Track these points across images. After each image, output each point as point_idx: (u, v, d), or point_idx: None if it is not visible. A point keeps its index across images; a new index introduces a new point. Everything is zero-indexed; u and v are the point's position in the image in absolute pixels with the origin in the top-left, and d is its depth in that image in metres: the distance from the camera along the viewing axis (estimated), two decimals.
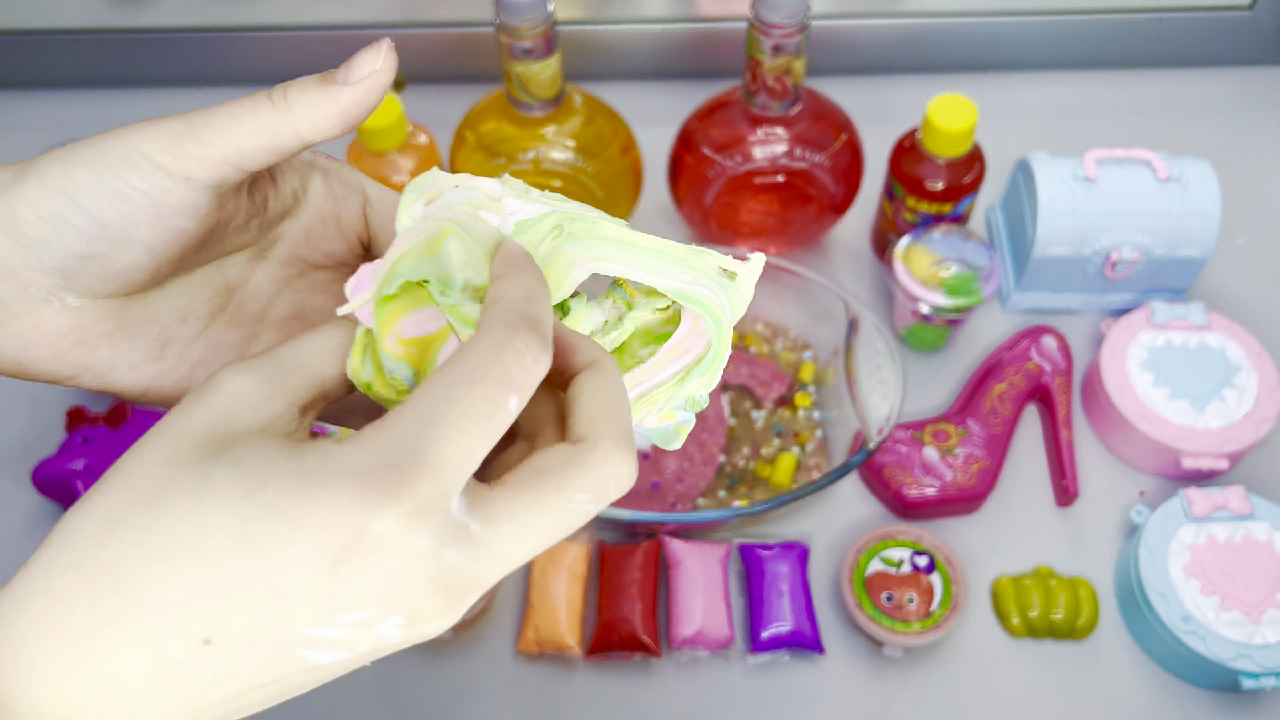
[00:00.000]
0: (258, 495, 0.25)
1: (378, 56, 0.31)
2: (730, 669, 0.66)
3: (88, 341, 0.33)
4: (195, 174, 0.30)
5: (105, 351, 0.33)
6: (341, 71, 0.31)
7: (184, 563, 0.25)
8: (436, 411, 0.26)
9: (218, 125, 0.30)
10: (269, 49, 0.92)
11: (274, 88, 0.31)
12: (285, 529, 0.25)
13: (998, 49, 0.93)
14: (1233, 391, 0.71)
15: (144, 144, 0.30)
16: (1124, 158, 0.74)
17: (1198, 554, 0.65)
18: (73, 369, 0.33)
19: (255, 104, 0.31)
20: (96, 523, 0.26)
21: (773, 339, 0.78)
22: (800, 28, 0.67)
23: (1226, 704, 0.65)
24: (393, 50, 0.31)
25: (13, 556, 0.71)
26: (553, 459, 0.28)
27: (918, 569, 0.66)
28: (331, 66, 0.32)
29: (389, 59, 0.31)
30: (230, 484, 0.25)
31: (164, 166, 0.30)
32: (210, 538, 0.25)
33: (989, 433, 0.72)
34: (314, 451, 0.26)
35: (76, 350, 0.33)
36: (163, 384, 0.34)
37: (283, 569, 0.25)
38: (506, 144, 0.74)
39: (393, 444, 0.25)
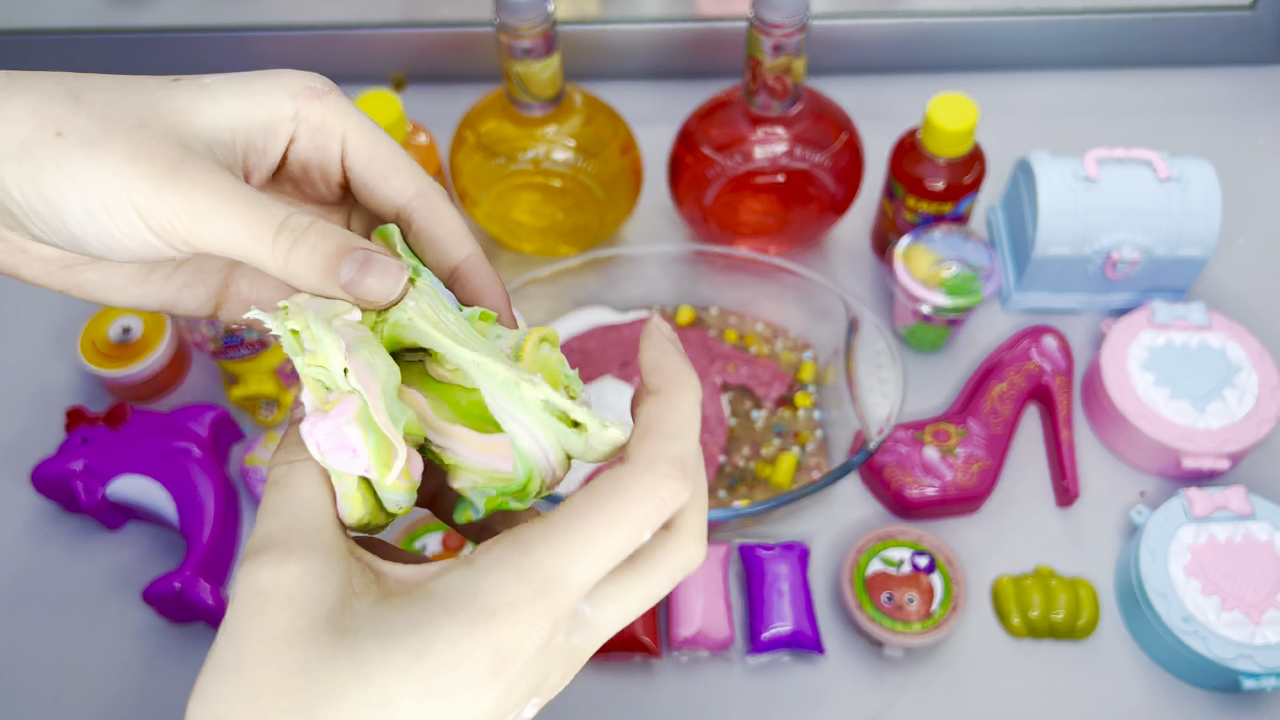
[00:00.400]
0: (427, 654, 0.26)
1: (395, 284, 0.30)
2: (730, 669, 0.66)
3: (74, 267, 0.33)
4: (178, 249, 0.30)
5: (92, 275, 0.33)
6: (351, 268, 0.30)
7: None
8: (580, 545, 0.28)
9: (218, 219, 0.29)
10: (269, 49, 0.92)
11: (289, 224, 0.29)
12: (460, 673, 0.26)
13: (998, 49, 0.93)
14: (1233, 391, 0.71)
15: (139, 194, 0.29)
16: (1124, 157, 0.74)
17: (1198, 554, 0.65)
18: (61, 285, 0.33)
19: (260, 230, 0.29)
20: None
21: (773, 339, 0.78)
22: (800, 28, 0.67)
23: (1227, 704, 0.65)
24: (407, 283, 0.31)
25: (13, 557, 0.71)
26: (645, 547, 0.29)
27: (918, 569, 0.66)
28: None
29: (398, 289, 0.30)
30: (392, 654, 0.26)
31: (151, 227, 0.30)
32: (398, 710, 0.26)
33: (989, 433, 0.72)
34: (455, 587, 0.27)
35: (63, 273, 0.33)
36: (149, 302, 0.35)
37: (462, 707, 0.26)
38: (506, 144, 0.74)
39: (538, 574, 0.27)
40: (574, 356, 0.77)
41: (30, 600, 0.69)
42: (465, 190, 0.77)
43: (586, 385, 0.75)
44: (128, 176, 0.29)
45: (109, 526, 0.71)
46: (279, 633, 0.26)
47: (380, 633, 0.26)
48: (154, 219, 0.29)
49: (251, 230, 0.29)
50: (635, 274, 0.78)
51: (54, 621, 0.68)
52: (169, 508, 0.68)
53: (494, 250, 0.84)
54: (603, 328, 0.78)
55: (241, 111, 0.32)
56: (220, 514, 0.68)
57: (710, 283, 0.78)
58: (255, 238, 0.29)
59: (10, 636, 0.68)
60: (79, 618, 0.68)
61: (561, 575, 0.27)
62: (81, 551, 0.71)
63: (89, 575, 0.70)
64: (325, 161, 0.34)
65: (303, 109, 0.32)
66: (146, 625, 0.68)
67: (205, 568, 0.66)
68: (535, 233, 0.80)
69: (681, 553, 0.30)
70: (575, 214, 0.78)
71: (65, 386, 0.78)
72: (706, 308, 0.80)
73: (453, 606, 0.27)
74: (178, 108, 0.31)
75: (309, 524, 0.28)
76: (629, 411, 0.32)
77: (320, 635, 0.26)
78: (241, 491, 0.72)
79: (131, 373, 0.73)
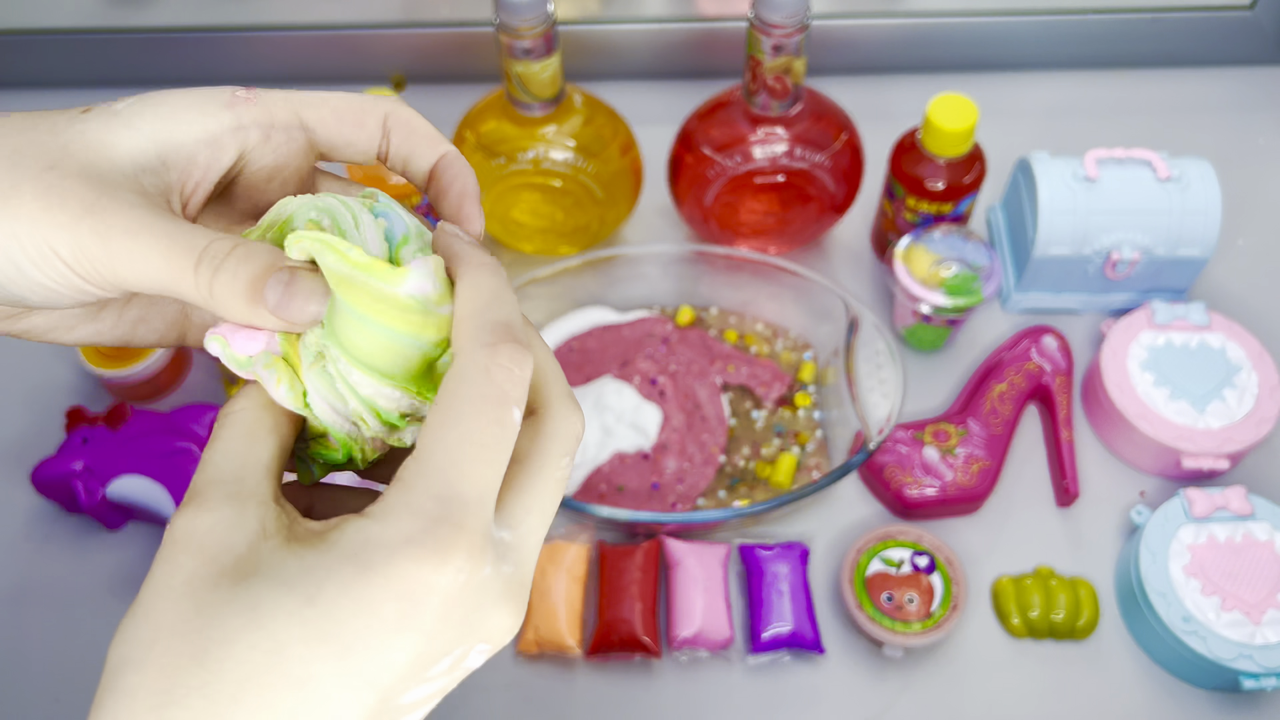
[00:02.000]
0: (318, 598, 0.26)
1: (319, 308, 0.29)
2: (730, 669, 0.66)
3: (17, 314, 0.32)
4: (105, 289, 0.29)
5: (39, 319, 0.32)
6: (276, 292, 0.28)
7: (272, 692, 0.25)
8: (454, 452, 0.27)
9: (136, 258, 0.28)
10: (269, 49, 0.92)
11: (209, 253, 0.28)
12: (360, 619, 0.26)
13: (998, 49, 0.93)
14: (1233, 391, 0.71)
15: (60, 243, 0.28)
16: (1124, 158, 0.74)
17: (1198, 554, 0.65)
18: (10, 332, 0.32)
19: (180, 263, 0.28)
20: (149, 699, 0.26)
21: (773, 339, 0.78)
22: (800, 28, 0.67)
23: (1227, 704, 0.65)
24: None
25: (13, 557, 0.71)
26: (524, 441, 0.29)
27: (918, 569, 0.66)
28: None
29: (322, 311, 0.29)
30: (282, 599, 0.26)
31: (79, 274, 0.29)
32: (288, 657, 0.25)
33: (989, 433, 0.72)
34: (349, 535, 0.27)
35: (8, 320, 0.32)
36: (103, 339, 0.34)
37: (369, 655, 0.26)
38: (506, 144, 0.74)
39: (427, 499, 0.26)
40: (574, 356, 0.77)
41: (30, 600, 0.69)
42: None
43: (586, 385, 0.75)
44: (44, 225, 0.28)
45: (109, 526, 0.71)
46: (184, 578, 0.26)
47: (276, 578, 0.26)
48: (78, 265, 0.28)
49: (172, 265, 0.28)
50: (635, 274, 0.78)
51: (54, 621, 0.68)
52: (169, 508, 0.68)
53: (494, 250, 0.84)
54: (602, 328, 0.78)
55: (169, 133, 0.31)
56: None
57: (710, 283, 0.78)
58: (177, 272, 0.28)
59: (10, 636, 0.68)
60: (79, 618, 0.68)
61: (452, 493, 0.26)
62: (81, 552, 0.71)
63: (89, 575, 0.70)
64: (294, 152, 0.33)
65: (243, 115, 0.31)
66: None
67: None
68: (535, 233, 0.80)
69: (560, 425, 0.30)
70: (575, 214, 0.78)
71: (65, 386, 0.78)
72: (706, 308, 0.80)
73: (347, 551, 0.26)
74: (90, 143, 0.29)
75: (229, 473, 0.28)
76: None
77: (222, 580, 0.26)
78: None
79: (131, 373, 0.74)
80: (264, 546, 0.27)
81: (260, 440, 0.29)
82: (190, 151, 0.31)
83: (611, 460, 0.72)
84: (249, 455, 0.29)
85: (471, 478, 0.27)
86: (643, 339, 0.77)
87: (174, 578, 0.26)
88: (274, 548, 0.27)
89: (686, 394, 0.74)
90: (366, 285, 0.28)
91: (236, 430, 0.29)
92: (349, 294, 0.29)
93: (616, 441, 0.72)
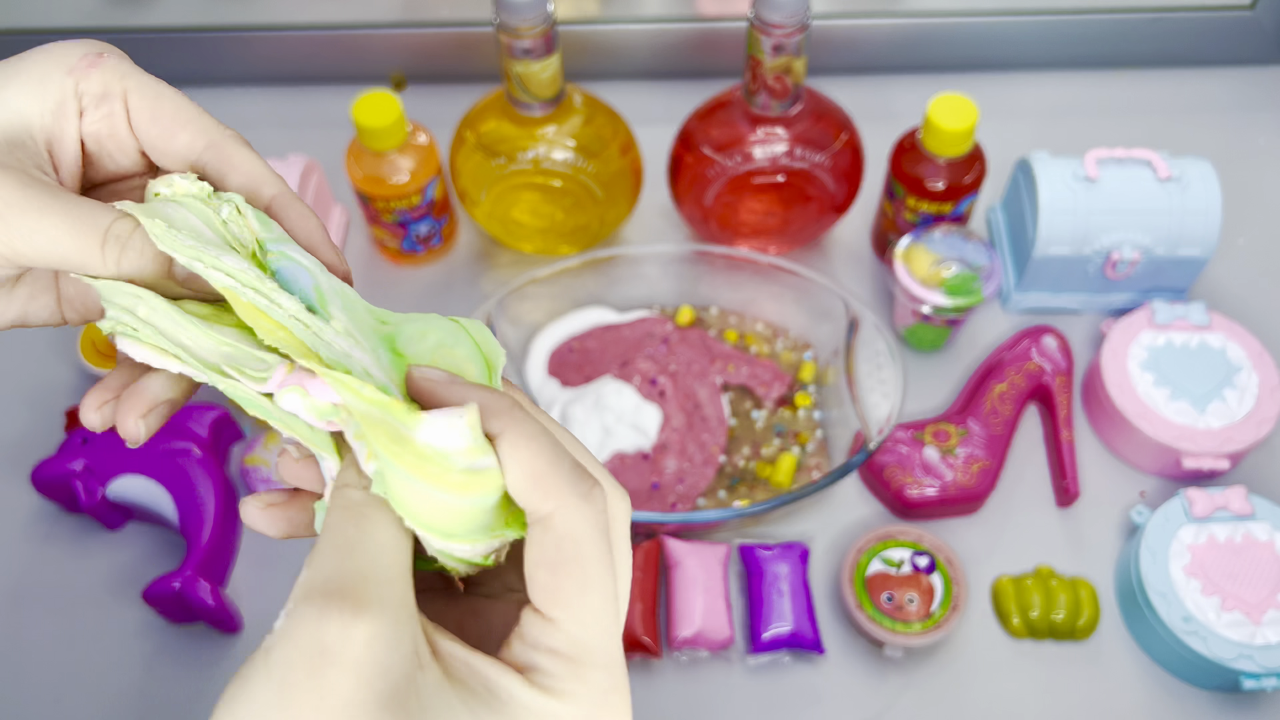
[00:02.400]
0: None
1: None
2: (730, 669, 0.66)
3: None
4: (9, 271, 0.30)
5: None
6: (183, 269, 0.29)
7: None
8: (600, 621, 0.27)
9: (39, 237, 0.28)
10: (269, 49, 0.92)
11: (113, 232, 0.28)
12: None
13: (998, 49, 0.93)
14: (1233, 391, 0.71)
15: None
16: (1124, 157, 0.74)
17: (1198, 554, 0.65)
18: None
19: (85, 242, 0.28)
20: None
21: (773, 339, 0.78)
22: (800, 28, 0.67)
23: (1227, 704, 0.65)
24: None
25: (13, 557, 0.71)
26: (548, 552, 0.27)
27: (918, 569, 0.66)
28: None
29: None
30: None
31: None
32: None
33: (989, 433, 0.72)
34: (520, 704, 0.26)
35: None
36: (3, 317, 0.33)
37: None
38: (506, 144, 0.74)
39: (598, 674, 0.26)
40: (574, 356, 0.77)
41: (30, 600, 0.69)
42: (465, 190, 0.77)
43: (586, 385, 0.75)
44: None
45: (109, 526, 0.71)
46: (339, 704, 0.23)
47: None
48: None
49: (76, 242, 0.28)
50: (635, 274, 0.78)
51: (54, 621, 0.68)
52: (169, 508, 0.68)
53: (494, 250, 0.84)
54: (603, 328, 0.78)
55: (27, 104, 0.30)
56: (220, 514, 0.68)
57: (710, 283, 0.78)
58: (83, 250, 0.28)
59: (10, 636, 0.68)
60: (79, 618, 0.68)
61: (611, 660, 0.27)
62: (81, 551, 0.71)
63: (89, 575, 0.70)
64: (116, 129, 0.32)
65: (80, 82, 0.31)
66: (146, 625, 0.68)
67: (205, 568, 0.66)
68: (535, 233, 0.80)
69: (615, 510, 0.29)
70: (575, 214, 0.78)
71: (65, 386, 0.78)
72: (706, 308, 0.80)
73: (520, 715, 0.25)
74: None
75: (384, 573, 0.25)
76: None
77: (380, 714, 0.23)
78: (241, 492, 0.72)
79: None
80: (423, 680, 0.24)
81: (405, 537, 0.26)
82: (51, 122, 0.31)
83: (611, 460, 0.72)
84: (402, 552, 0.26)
85: (615, 634, 0.27)
86: (643, 339, 0.77)
87: (324, 700, 0.23)
88: (435, 685, 0.24)
89: (686, 394, 0.74)
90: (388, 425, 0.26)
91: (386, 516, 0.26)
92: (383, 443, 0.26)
93: (616, 441, 0.72)
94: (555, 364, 0.77)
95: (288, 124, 0.91)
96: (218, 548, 0.68)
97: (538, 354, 0.77)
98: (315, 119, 0.91)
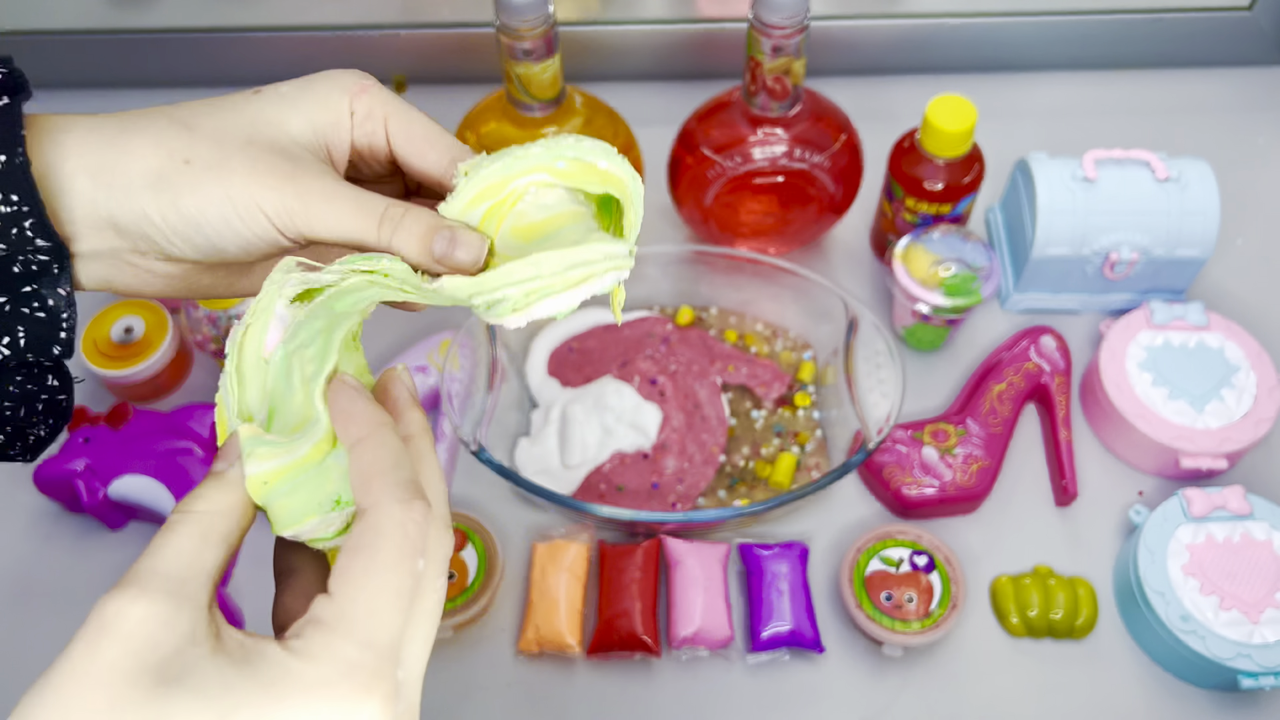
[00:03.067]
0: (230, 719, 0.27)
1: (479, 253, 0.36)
2: (730, 668, 0.66)
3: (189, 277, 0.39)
4: (299, 239, 0.36)
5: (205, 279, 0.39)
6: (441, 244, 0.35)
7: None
8: (374, 600, 0.29)
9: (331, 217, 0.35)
10: (269, 49, 0.92)
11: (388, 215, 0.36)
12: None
13: (998, 49, 0.93)
14: (1231, 391, 0.71)
15: (266, 203, 0.35)
16: (1123, 158, 0.75)
17: (1196, 553, 0.65)
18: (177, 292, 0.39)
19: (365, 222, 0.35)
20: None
21: (773, 339, 0.78)
22: (800, 28, 0.67)
23: (1225, 703, 0.65)
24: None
25: (15, 556, 0.71)
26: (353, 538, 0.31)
27: (917, 568, 0.67)
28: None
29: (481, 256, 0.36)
30: (196, 712, 0.27)
31: (278, 227, 0.36)
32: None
33: (988, 432, 0.72)
34: (271, 662, 0.28)
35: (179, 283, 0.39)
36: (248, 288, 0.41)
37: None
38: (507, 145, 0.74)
39: (348, 644, 0.29)
40: (574, 356, 0.77)
41: (32, 600, 0.70)
42: None
43: (586, 385, 0.75)
44: (254, 188, 0.35)
45: (111, 526, 0.72)
46: (104, 666, 0.27)
47: (195, 689, 0.27)
48: (280, 220, 0.35)
49: (359, 223, 0.35)
50: (635, 274, 0.78)
51: (56, 621, 0.68)
52: (170, 507, 0.68)
53: None
54: (602, 328, 0.78)
55: (318, 115, 0.37)
56: None
57: (710, 283, 0.79)
58: (363, 229, 0.35)
59: (12, 636, 0.68)
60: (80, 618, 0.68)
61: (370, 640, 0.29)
62: (83, 551, 0.71)
63: (91, 575, 0.70)
64: (375, 144, 0.39)
65: (354, 102, 0.38)
66: None
67: None
68: None
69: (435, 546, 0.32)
70: None
71: None
72: (706, 308, 0.80)
73: (266, 679, 0.28)
74: (270, 120, 0.37)
75: (175, 570, 0.29)
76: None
77: (141, 678, 0.27)
78: None
79: (133, 373, 0.74)
80: (190, 653, 0.28)
81: (213, 546, 0.31)
82: (328, 132, 0.38)
83: (611, 460, 0.72)
84: (198, 558, 0.30)
85: (388, 626, 0.29)
86: (643, 339, 0.77)
87: (94, 662, 0.27)
88: (200, 656, 0.28)
89: (686, 394, 0.74)
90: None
91: (193, 529, 0.31)
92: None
93: (616, 441, 0.72)
94: (555, 364, 0.77)
95: None
96: None
97: (538, 354, 0.77)
98: None
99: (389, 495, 0.31)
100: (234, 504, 0.32)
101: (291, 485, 0.33)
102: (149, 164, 0.35)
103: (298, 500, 0.33)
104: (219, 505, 0.32)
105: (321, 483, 0.33)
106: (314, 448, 0.33)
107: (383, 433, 0.33)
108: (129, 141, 0.35)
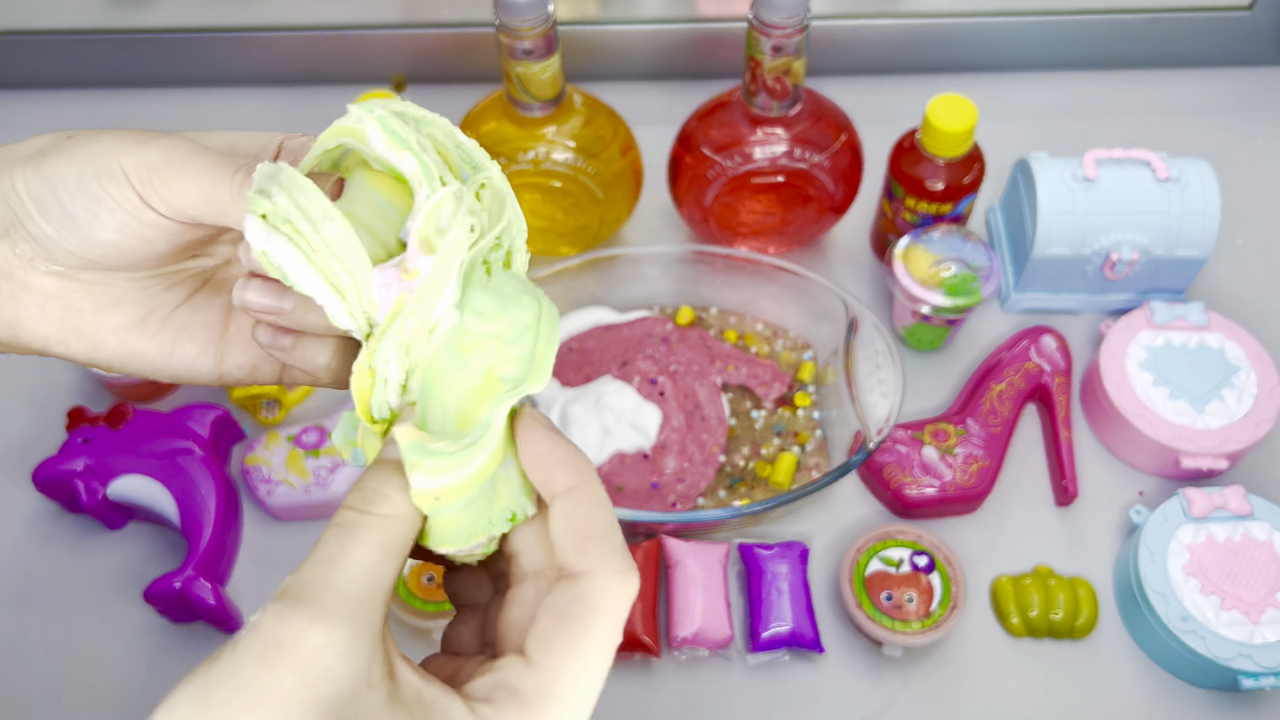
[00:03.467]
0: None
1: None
2: (730, 669, 0.66)
3: (74, 304, 0.34)
4: (157, 207, 0.32)
5: (89, 315, 0.34)
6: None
7: None
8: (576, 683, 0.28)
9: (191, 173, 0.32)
10: (269, 49, 0.92)
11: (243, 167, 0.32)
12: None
13: (998, 49, 0.93)
14: (1232, 391, 0.71)
15: (125, 159, 0.32)
16: (1123, 158, 0.75)
17: (1197, 554, 0.65)
18: (60, 331, 0.34)
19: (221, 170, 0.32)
20: None
21: (773, 339, 0.78)
22: (800, 28, 0.67)
23: (1226, 704, 0.65)
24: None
25: (14, 556, 0.71)
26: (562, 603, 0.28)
27: (917, 569, 0.67)
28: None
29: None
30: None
31: (135, 188, 0.32)
32: None
33: (988, 432, 0.72)
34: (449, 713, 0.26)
35: (64, 312, 0.34)
36: (146, 349, 0.35)
37: None
38: (507, 144, 0.74)
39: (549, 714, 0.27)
40: (574, 356, 0.77)
41: (31, 600, 0.69)
42: None
43: (586, 385, 0.75)
44: (118, 143, 0.32)
45: (110, 526, 0.71)
46: (278, 697, 0.24)
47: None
48: (138, 177, 0.32)
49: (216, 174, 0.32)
50: (635, 274, 0.78)
51: (55, 621, 0.69)
52: (170, 507, 0.68)
53: None
54: (602, 327, 0.78)
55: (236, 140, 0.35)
56: (221, 514, 0.68)
57: (710, 283, 0.79)
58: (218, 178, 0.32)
59: (11, 636, 0.68)
60: (80, 617, 0.69)
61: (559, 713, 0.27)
62: (82, 551, 0.71)
63: (90, 575, 0.70)
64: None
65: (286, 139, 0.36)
66: (147, 625, 0.68)
67: (206, 567, 0.66)
68: (535, 233, 0.80)
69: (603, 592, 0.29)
70: (575, 214, 0.78)
71: (66, 386, 0.78)
72: (706, 308, 0.80)
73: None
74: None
75: (354, 590, 0.26)
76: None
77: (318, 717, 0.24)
78: (242, 491, 0.73)
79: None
80: (367, 699, 0.25)
81: (393, 560, 0.27)
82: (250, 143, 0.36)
83: (611, 460, 0.72)
84: (377, 575, 0.27)
85: (584, 710, 0.28)
86: (643, 339, 0.77)
87: (268, 689, 0.24)
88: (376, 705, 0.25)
89: (686, 394, 0.74)
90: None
91: (375, 539, 0.27)
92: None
93: (616, 441, 0.72)
94: (555, 364, 0.77)
95: (288, 125, 0.91)
96: (218, 547, 0.68)
97: None
98: (316, 120, 0.91)
99: (608, 565, 0.28)
100: (414, 510, 0.28)
101: (465, 502, 0.29)
102: (38, 143, 0.33)
103: (466, 516, 0.29)
104: (402, 509, 0.28)
105: (493, 497, 0.30)
106: (490, 458, 0.29)
107: (594, 486, 0.29)
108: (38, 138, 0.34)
